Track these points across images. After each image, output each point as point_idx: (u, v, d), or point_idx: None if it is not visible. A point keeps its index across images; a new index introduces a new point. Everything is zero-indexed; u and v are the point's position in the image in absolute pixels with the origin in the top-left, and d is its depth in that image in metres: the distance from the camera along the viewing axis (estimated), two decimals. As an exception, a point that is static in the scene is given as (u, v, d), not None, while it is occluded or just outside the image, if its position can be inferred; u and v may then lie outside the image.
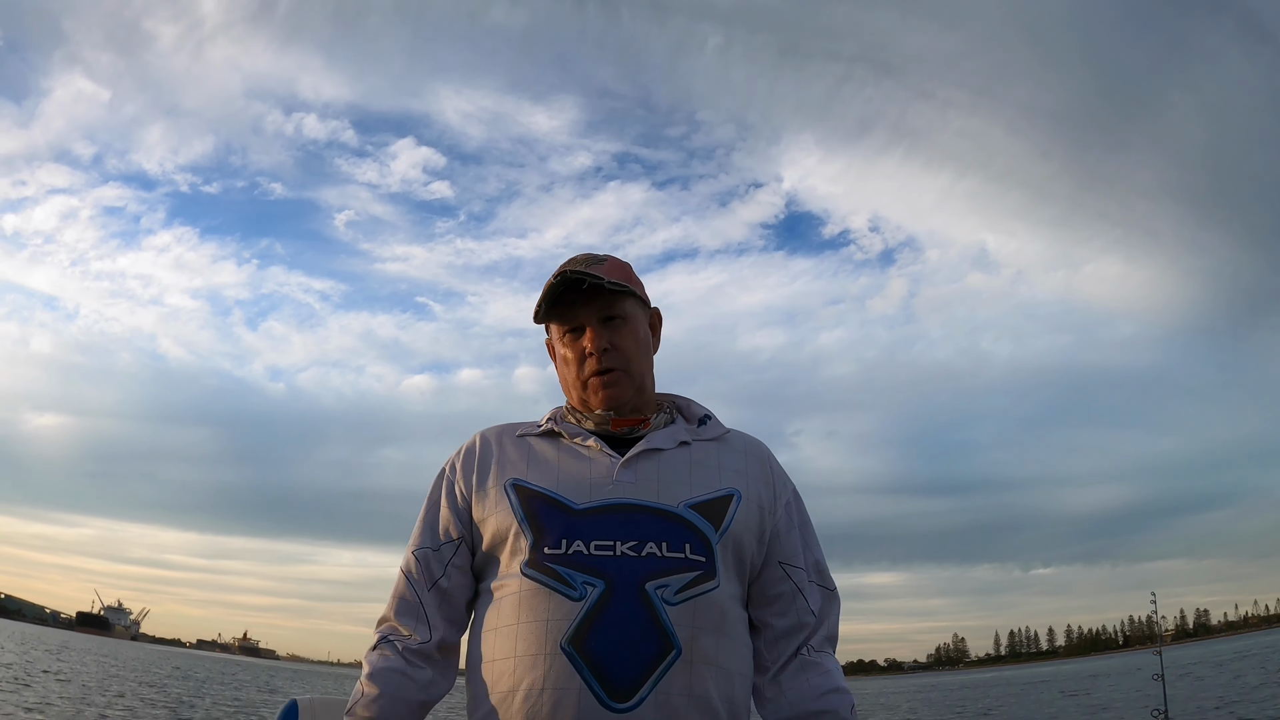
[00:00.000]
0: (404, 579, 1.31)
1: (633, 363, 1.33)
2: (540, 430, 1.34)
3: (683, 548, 1.18)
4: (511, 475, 1.28)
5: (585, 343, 1.31)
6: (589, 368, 1.31)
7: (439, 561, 1.30)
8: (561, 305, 1.33)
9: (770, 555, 1.29)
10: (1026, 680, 57.84)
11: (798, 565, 1.31)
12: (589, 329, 1.32)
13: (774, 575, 1.29)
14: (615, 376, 1.31)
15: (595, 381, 1.31)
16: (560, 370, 1.38)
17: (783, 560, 1.30)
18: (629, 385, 1.32)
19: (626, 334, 1.34)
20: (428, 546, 1.31)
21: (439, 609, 1.29)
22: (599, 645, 1.11)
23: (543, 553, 1.18)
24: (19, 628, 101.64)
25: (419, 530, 1.33)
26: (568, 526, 1.20)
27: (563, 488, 1.24)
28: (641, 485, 1.23)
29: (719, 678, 1.15)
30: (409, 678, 1.23)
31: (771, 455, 1.39)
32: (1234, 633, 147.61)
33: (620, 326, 1.33)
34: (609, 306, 1.32)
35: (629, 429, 1.31)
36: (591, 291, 1.30)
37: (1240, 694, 21.50)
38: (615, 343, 1.32)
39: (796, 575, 1.30)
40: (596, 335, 1.31)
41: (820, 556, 1.35)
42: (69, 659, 36.64)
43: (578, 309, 1.32)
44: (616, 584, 1.14)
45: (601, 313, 1.32)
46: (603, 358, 1.30)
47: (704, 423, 1.37)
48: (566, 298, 1.32)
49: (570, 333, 1.34)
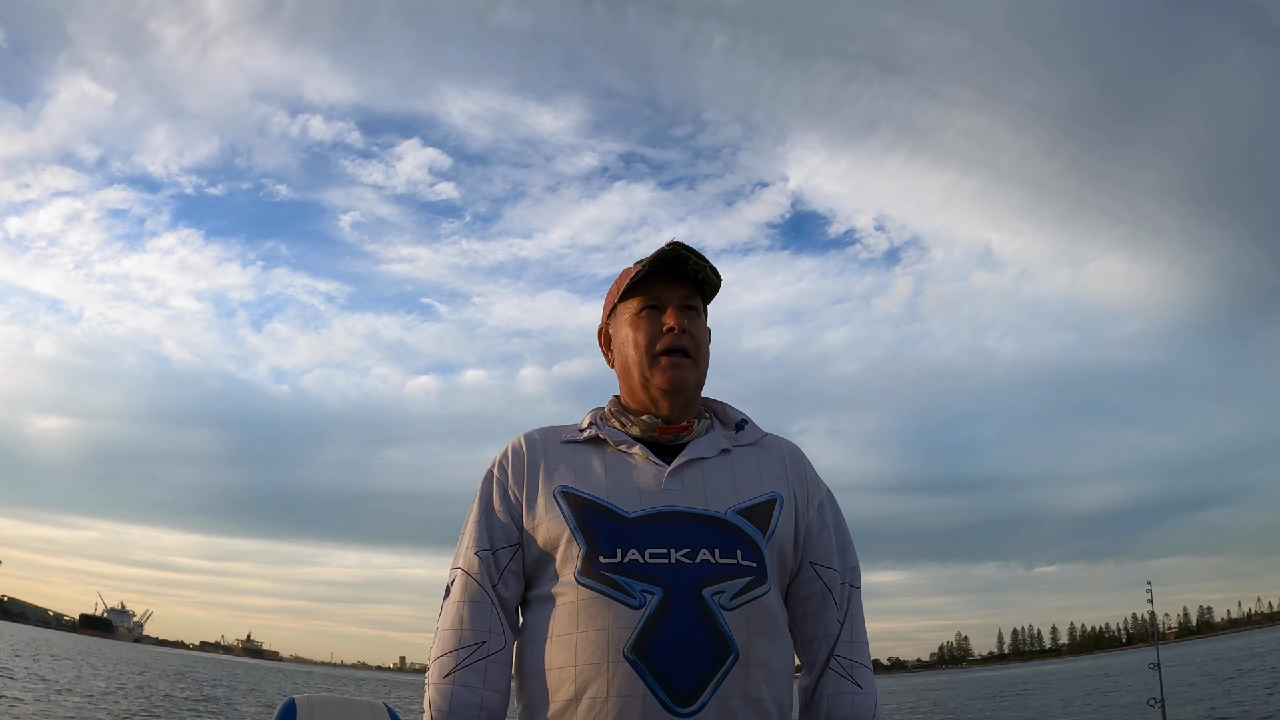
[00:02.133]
0: (466, 581, 1.27)
1: (700, 354, 1.35)
2: (584, 436, 1.34)
3: (734, 554, 1.20)
4: (560, 483, 1.28)
5: (666, 319, 1.32)
6: (662, 344, 1.32)
7: (498, 566, 1.27)
8: (646, 281, 1.34)
9: (803, 556, 1.31)
10: (1029, 679, 57.83)
11: (829, 566, 1.32)
12: (670, 309, 1.33)
13: (805, 575, 1.31)
14: (684, 361, 1.32)
15: (666, 360, 1.31)
16: (623, 350, 1.37)
17: (814, 560, 1.32)
18: (694, 374, 1.33)
19: (701, 328, 1.37)
20: (487, 549, 1.28)
21: (505, 613, 1.26)
22: (661, 652, 1.12)
23: (598, 561, 1.19)
24: (21, 631, 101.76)
25: (474, 532, 1.30)
26: (621, 535, 1.20)
27: (613, 496, 1.24)
28: (689, 493, 1.24)
29: (771, 680, 1.18)
30: (489, 710, 1.21)
31: (805, 457, 1.41)
32: (1237, 630, 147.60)
33: (697, 319, 1.36)
34: (692, 297, 1.35)
35: (674, 436, 1.32)
36: (679, 279, 1.34)
37: (1239, 689, 21.53)
38: (690, 330, 1.33)
39: (827, 575, 1.32)
40: (679, 315, 1.32)
41: (855, 559, 1.36)
42: (61, 662, 36.57)
43: (663, 289, 1.34)
44: (674, 591, 1.15)
45: (685, 300, 1.35)
46: (680, 336, 1.32)
47: (741, 427, 1.39)
48: (652, 276, 1.34)
49: (650, 309, 1.34)
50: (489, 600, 1.25)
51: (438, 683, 1.21)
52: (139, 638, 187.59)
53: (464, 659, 1.22)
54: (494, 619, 1.24)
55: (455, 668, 1.21)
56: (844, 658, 1.29)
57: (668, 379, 1.31)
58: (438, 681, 1.21)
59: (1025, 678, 62.92)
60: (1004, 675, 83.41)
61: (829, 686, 1.28)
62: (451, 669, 1.21)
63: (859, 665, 1.30)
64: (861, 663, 1.30)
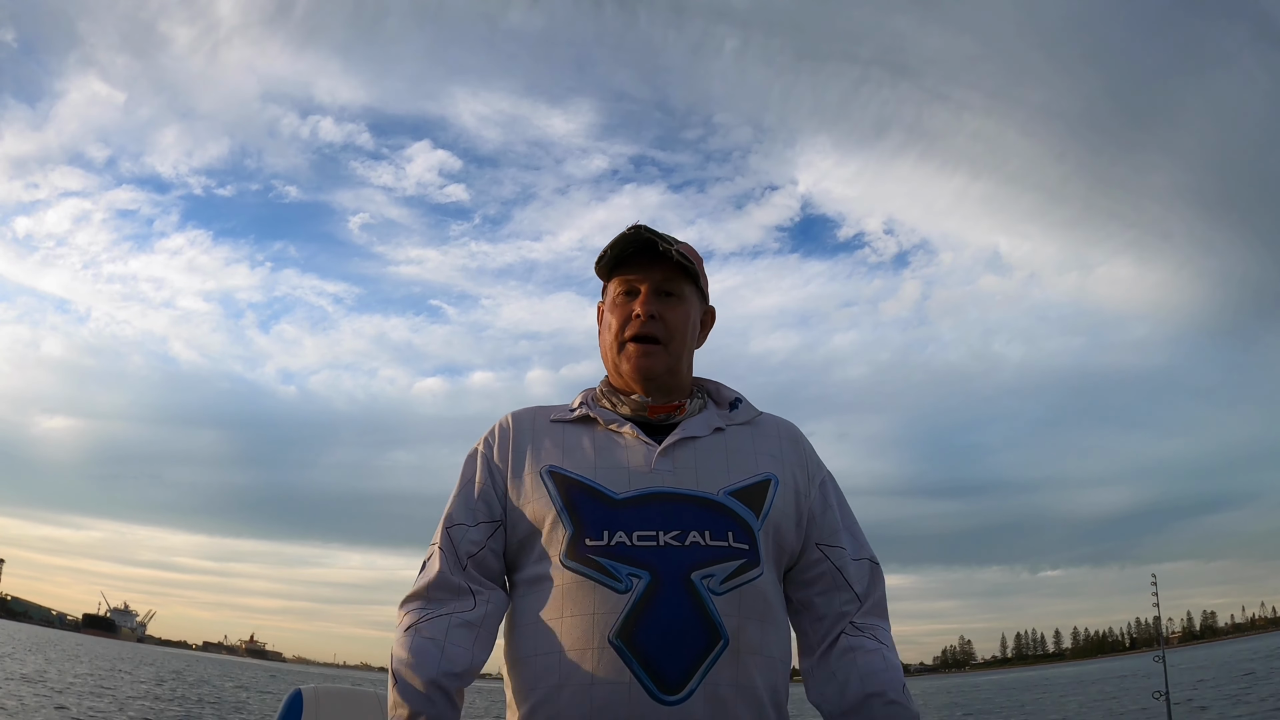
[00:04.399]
0: (438, 555, 1.23)
1: (674, 340, 1.31)
2: (574, 415, 1.32)
3: (726, 536, 1.17)
4: (547, 462, 1.25)
5: (635, 306, 1.30)
6: (629, 330, 1.29)
7: (475, 541, 1.23)
8: (624, 265, 1.32)
9: (808, 537, 1.28)
10: (1031, 683, 57.60)
11: (836, 544, 1.29)
12: (643, 291, 1.30)
13: (812, 557, 1.28)
14: (652, 349, 1.29)
15: (632, 348, 1.29)
16: (602, 336, 1.36)
17: (820, 541, 1.28)
18: (663, 361, 1.30)
19: (679, 312, 1.32)
20: (464, 523, 1.25)
21: (481, 584, 1.22)
22: (648, 638, 1.09)
23: (584, 544, 1.15)
24: (25, 630, 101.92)
25: (454, 506, 1.27)
26: (609, 517, 1.17)
27: (601, 476, 1.21)
28: (680, 473, 1.21)
29: (763, 666, 1.14)
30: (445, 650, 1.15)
31: (804, 437, 1.38)
32: (1240, 635, 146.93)
33: (675, 304, 1.31)
34: (669, 281, 1.31)
35: (665, 415, 1.30)
36: (656, 260, 1.30)
37: (1241, 685, 21.46)
38: (664, 315, 1.30)
39: (834, 554, 1.28)
40: (648, 301, 1.29)
41: (860, 533, 1.34)
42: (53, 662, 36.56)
43: (638, 271, 1.31)
44: (662, 575, 1.12)
45: (661, 284, 1.31)
46: (647, 323, 1.28)
47: (735, 406, 1.36)
48: (632, 259, 1.31)
49: (625, 294, 1.32)
50: (458, 568, 1.21)
51: (399, 637, 1.17)
52: (142, 638, 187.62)
53: (428, 614, 1.18)
54: (462, 584, 1.20)
55: (418, 622, 1.17)
56: (865, 623, 1.25)
57: (634, 367, 1.29)
58: (398, 636, 1.17)
59: (1028, 682, 62.68)
60: (1006, 679, 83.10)
61: (851, 646, 1.22)
62: (414, 624, 1.17)
63: (882, 629, 1.25)
64: (885, 629, 1.26)
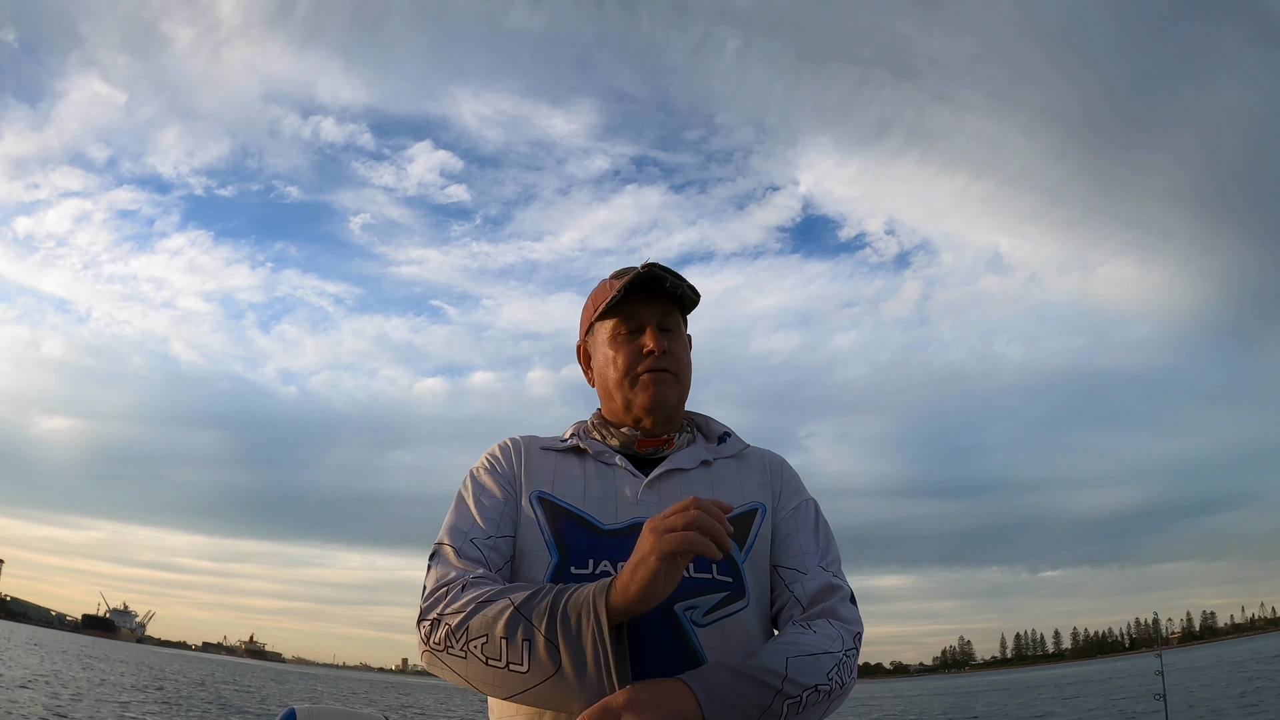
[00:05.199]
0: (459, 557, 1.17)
1: (683, 372, 1.34)
2: (565, 445, 1.33)
3: (710, 567, 1.17)
4: (537, 488, 1.26)
5: (645, 340, 1.31)
6: (643, 365, 1.30)
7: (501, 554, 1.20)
8: (626, 303, 1.33)
9: (772, 558, 1.27)
10: (1031, 683, 57.56)
11: (792, 566, 1.26)
12: (649, 329, 1.31)
13: (772, 580, 1.26)
14: (666, 376, 1.30)
15: (647, 378, 1.30)
16: (602, 371, 1.36)
17: (777, 563, 1.27)
18: (676, 390, 1.32)
19: (681, 346, 1.35)
20: (492, 535, 1.21)
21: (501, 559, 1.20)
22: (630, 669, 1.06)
23: (569, 572, 1.16)
24: (24, 630, 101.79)
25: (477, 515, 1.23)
26: (595, 546, 1.18)
27: (589, 505, 1.23)
28: (666, 505, 1.18)
29: None
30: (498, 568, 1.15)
31: (787, 466, 1.39)
32: (1240, 635, 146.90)
33: (676, 337, 1.34)
34: (669, 317, 1.34)
35: (653, 449, 1.31)
36: (656, 296, 1.31)
37: (1240, 686, 21.43)
38: (672, 350, 1.32)
39: (788, 576, 1.25)
40: (657, 336, 1.30)
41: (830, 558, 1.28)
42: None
43: (641, 308, 1.32)
44: None
45: (663, 320, 1.33)
46: (661, 358, 1.30)
47: (723, 440, 1.38)
48: (632, 296, 1.31)
49: (628, 334, 1.33)
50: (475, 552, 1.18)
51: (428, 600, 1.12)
52: (141, 638, 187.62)
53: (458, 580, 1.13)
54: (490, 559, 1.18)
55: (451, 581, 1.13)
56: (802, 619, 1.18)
57: (649, 396, 1.29)
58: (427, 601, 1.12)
59: (1027, 683, 62.65)
60: (1005, 680, 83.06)
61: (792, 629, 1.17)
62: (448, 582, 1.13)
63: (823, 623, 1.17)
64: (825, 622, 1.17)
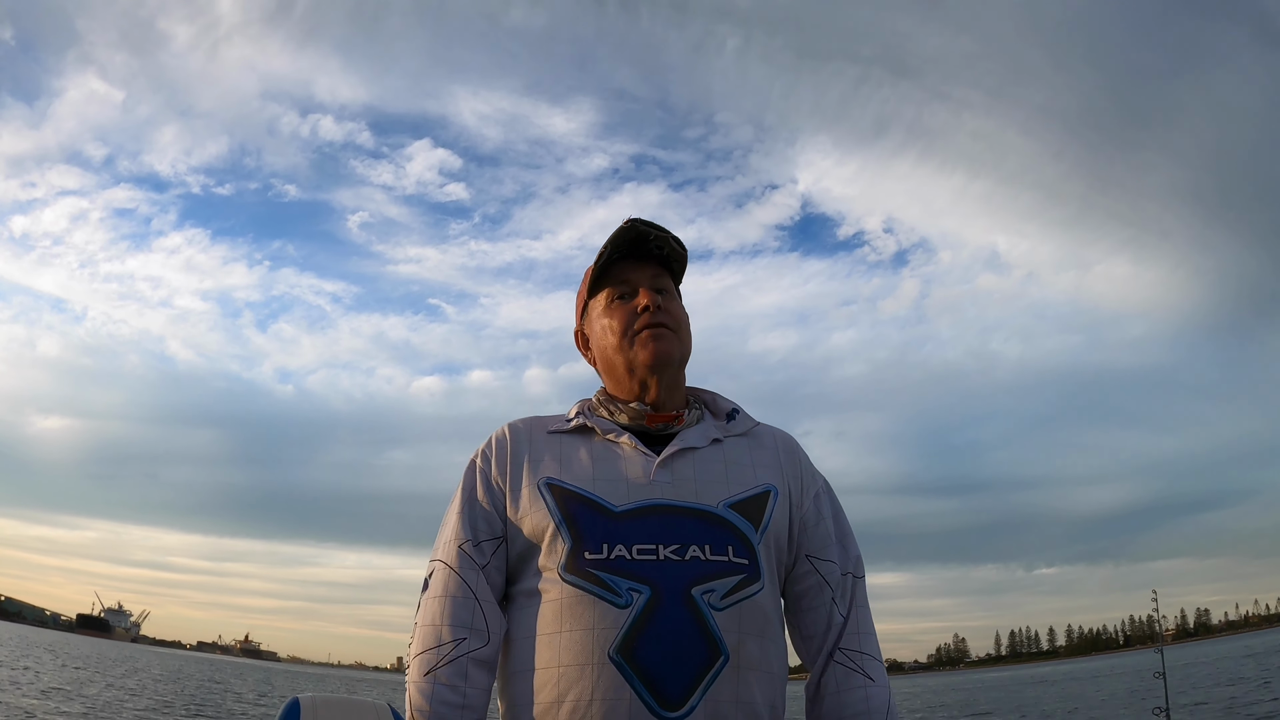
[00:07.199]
0: (448, 574, 1.20)
1: (681, 329, 1.30)
2: (571, 426, 1.29)
3: (726, 550, 1.15)
4: (545, 474, 1.22)
5: (639, 299, 1.28)
6: (639, 322, 1.27)
7: (480, 559, 1.21)
8: (615, 269, 1.31)
9: (799, 548, 1.27)
10: (1026, 681, 57.77)
11: (826, 558, 1.27)
12: (642, 289, 1.28)
13: (802, 569, 1.27)
14: (665, 331, 1.27)
15: (646, 334, 1.26)
16: (601, 342, 1.33)
17: (810, 554, 1.27)
18: (677, 345, 1.28)
19: (677, 305, 1.32)
20: (470, 540, 1.22)
21: (487, 609, 1.19)
22: (648, 654, 1.08)
23: (583, 557, 1.13)
24: (17, 630, 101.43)
25: (457, 523, 1.24)
26: (608, 529, 1.15)
27: (599, 488, 1.19)
28: (679, 485, 1.19)
29: (763, 682, 1.13)
30: (466, 696, 1.14)
31: (800, 447, 1.36)
32: (1234, 632, 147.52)
33: (669, 299, 1.31)
34: (659, 278, 1.31)
35: (663, 425, 1.27)
36: (646, 257, 1.30)
37: (1242, 691, 21.54)
38: (668, 307, 1.29)
39: (824, 568, 1.26)
40: (651, 294, 1.28)
41: (851, 545, 1.32)
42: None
43: (630, 272, 1.30)
44: (662, 590, 1.10)
45: (654, 280, 1.30)
46: (656, 313, 1.27)
47: (732, 417, 1.34)
48: (621, 262, 1.31)
49: (620, 298, 1.31)
50: (470, 595, 1.19)
51: (418, 681, 1.15)
52: (136, 638, 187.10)
53: (446, 655, 1.15)
54: (476, 614, 1.18)
55: (436, 665, 1.15)
56: (851, 650, 1.24)
57: (650, 352, 1.26)
58: (418, 680, 1.15)
59: (1022, 680, 62.87)
60: (999, 677, 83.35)
61: (837, 681, 1.22)
62: (432, 666, 1.15)
63: (868, 657, 1.24)
64: (871, 654, 1.25)
